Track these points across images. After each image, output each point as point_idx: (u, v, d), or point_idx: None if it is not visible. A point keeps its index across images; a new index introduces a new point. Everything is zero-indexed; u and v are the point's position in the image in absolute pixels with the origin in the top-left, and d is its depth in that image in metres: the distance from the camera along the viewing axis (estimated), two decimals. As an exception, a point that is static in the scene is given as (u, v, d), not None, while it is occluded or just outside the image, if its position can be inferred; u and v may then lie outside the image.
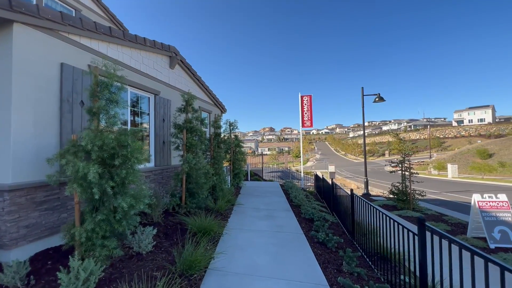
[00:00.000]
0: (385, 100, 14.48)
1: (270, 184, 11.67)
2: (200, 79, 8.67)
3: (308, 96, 14.80)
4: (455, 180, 27.31)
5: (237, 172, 10.27)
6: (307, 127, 14.56)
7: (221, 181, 7.84)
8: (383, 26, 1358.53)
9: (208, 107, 9.72)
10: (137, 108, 5.92)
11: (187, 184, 6.03)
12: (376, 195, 15.54)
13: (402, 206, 9.93)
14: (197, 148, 6.18)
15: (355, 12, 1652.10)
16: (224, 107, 11.25)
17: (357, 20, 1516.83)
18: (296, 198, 7.75)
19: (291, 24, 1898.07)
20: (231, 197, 7.40)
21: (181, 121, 6.11)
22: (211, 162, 7.81)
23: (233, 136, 10.42)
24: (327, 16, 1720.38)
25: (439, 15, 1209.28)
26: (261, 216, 6.10)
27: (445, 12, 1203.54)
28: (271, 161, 56.11)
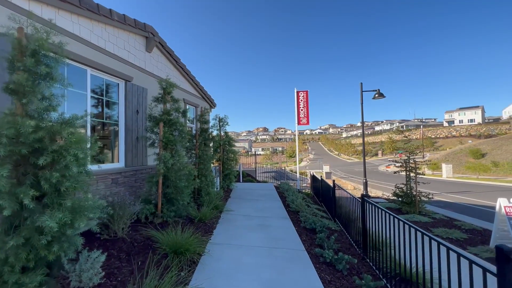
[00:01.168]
0: (385, 97, 13.72)
1: (264, 186, 10.70)
2: (184, 67, 7.62)
3: (304, 92, 13.92)
4: (450, 180, 26.93)
5: (228, 173, 9.26)
6: (303, 125, 13.68)
7: (208, 183, 6.83)
8: (372, 24, 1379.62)
9: (195, 100, 8.68)
10: (101, 95, 4.85)
11: (164, 188, 5.00)
12: (375, 196, 14.78)
13: (407, 209, 9.12)
14: (176, 145, 5.16)
15: (344, 9, 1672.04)
16: (213, 101, 10.22)
17: (348, 17, 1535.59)
18: (294, 202, 6.80)
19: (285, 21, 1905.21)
20: (219, 202, 6.40)
21: (158, 113, 5.08)
22: (196, 162, 6.78)
23: (223, 133, 9.41)
24: (321, 14, 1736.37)
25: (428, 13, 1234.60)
26: (254, 226, 5.12)
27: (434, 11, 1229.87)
28: (265, 161, 55.20)
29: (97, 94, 4.73)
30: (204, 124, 7.20)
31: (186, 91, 8.02)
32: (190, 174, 5.25)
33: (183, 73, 7.69)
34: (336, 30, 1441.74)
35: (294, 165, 63.26)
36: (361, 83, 14.01)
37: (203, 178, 6.66)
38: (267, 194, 8.56)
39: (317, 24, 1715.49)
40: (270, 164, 44.38)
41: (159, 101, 5.19)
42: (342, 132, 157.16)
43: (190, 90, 8.34)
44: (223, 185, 9.03)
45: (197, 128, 7.14)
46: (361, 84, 14.00)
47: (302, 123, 13.71)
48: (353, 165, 57.32)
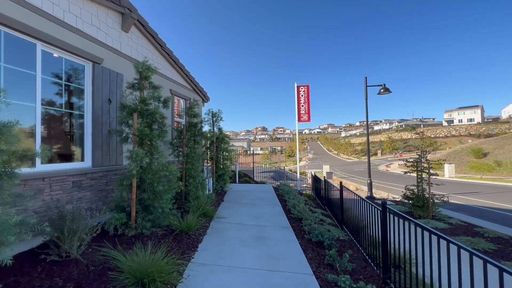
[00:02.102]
0: (391, 92, 12.88)
1: (262, 187, 9.81)
2: (171, 53, 6.71)
3: (305, 87, 13.04)
4: (454, 180, 26.09)
5: (222, 174, 8.37)
6: (304, 122, 12.80)
7: (197, 185, 5.93)
8: (370, 22, 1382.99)
9: (184, 92, 7.77)
10: (59, 79, 3.93)
11: (140, 192, 4.10)
12: (380, 198, 13.94)
13: (420, 213, 8.27)
14: (155, 141, 4.26)
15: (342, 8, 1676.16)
16: (206, 94, 9.31)
17: (346, 15, 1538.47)
18: (296, 207, 5.91)
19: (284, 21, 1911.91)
20: (209, 208, 5.51)
21: (132, 101, 4.17)
22: (183, 161, 5.88)
23: (216, 130, 8.51)
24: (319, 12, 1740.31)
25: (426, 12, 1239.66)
26: (248, 239, 4.23)
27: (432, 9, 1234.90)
28: (264, 161, 54.33)
29: (54, 77, 3.81)
30: (193, 118, 6.29)
31: (173, 80, 7.11)
32: (172, 175, 4.35)
33: (169, 60, 6.77)
34: (336, 29, 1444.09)
35: (293, 164, 62.41)
36: (366, 77, 13.19)
37: (190, 180, 5.77)
38: (265, 197, 7.67)
39: (317, 23, 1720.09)
40: (269, 164, 43.54)
41: (134, 87, 4.29)
42: (341, 131, 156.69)
43: (178, 80, 7.42)
44: (216, 187, 8.13)
45: (185, 123, 6.23)
46: (365, 78, 13.16)
47: (302, 120, 12.83)
48: (353, 164, 56.60)
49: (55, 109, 3.86)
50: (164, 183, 4.23)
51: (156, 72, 4.50)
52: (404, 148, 77.14)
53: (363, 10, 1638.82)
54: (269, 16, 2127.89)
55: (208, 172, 7.64)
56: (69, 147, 4.15)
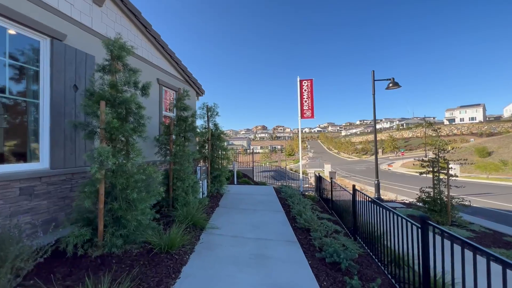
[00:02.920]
0: (400, 86, 12.03)
1: (262, 189, 8.96)
2: (158, 37, 5.84)
3: (309, 81, 12.17)
4: (459, 180, 25.06)
5: (218, 175, 7.52)
6: (307, 118, 11.94)
7: (187, 189, 5.08)
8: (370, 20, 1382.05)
9: (175, 83, 6.90)
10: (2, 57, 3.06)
11: (110, 201, 3.25)
12: (389, 200, 13.12)
13: (437, 219, 7.44)
14: (131, 137, 3.41)
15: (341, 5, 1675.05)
16: (201, 87, 8.44)
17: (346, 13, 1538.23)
18: (302, 215, 5.07)
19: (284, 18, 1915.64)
20: (201, 216, 4.66)
21: (100, 86, 3.31)
22: (170, 162, 5.03)
23: (211, 125, 7.65)
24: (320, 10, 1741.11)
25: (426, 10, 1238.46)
26: (246, 259, 3.39)
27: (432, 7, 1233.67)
28: (264, 159, 53.47)
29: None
30: (183, 111, 5.43)
31: (161, 69, 6.24)
32: (151, 178, 3.50)
33: (156, 45, 5.90)
34: (336, 26, 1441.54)
35: (294, 163, 61.58)
36: (373, 71, 12.33)
37: (178, 183, 4.91)
38: (266, 201, 6.82)
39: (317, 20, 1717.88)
40: (269, 163, 42.71)
41: (105, 70, 3.43)
42: (341, 130, 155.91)
43: (167, 69, 6.55)
44: (212, 189, 7.28)
45: (174, 117, 5.38)
46: (372, 72, 12.31)
47: (306, 116, 11.96)
48: (354, 163, 55.87)
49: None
50: (140, 189, 3.38)
51: (132, 52, 3.64)
52: (405, 147, 76.40)
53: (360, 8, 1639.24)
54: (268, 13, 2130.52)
55: (202, 173, 6.79)
56: (19, 144, 3.29)
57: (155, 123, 5.78)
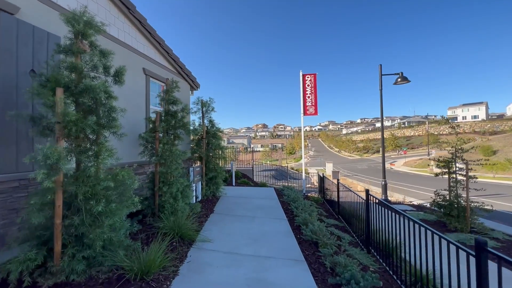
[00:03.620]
0: (409, 81, 11.30)
1: (263, 191, 8.28)
2: (144, 21, 5.13)
3: (312, 75, 11.45)
4: None
5: (213, 176, 6.83)
6: (310, 115, 11.23)
7: (176, 195, 4.40)
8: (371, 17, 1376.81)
9: (164, 75, 6.20)
10: None
11: (69, 215, 2.58)
12: (396, 201, 12.44)
13: (455, 225, 6.75)
14: (96, 132, 2.73)
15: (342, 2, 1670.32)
16: (196, 80, 7.73)
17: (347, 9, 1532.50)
18: (308, 225, 4.39)
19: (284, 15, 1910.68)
20: (191, 226, 3.99)
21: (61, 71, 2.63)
22: (156, 163, 4.34)
23: (206, 122, 6.97)
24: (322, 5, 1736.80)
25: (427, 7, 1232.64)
26: (241, 285, 2.71)
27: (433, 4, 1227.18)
28: (264, 158, 52.80)
29: None
30: (171, 105, 4.73)
31: (148, 58, 5.54)
32: (123, 186, 2.82)
33: (142, 29, 5.20)
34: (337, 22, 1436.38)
35: (294, 162, 60.88)
36: (380, 65, 11.60)
37: (165, 188, 4.23)
38: (267, 206, 6.14)
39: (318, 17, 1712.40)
40: (269, 161, 42.07)
41: (65, 52, 2.74)
42: (342, 128, 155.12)
43: (156, 58, 5.85)
44: (207, 192, 6.60)
45: (162, 111, 4.68)
46: (380, 66, 11.57)
47: (309, 113, 11.25)
48: (355, 162, 55.18)
49: None
50: (110, 199, 2.70)
51: (103, 31, 2.95)
52: (407, 145, 75.61)
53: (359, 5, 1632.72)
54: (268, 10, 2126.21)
55: (196, 175, 6.12)
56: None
57: (141, 118, 5.08)
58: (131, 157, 4.73)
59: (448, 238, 2.32)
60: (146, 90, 5.35)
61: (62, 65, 2.66)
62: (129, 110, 4.86)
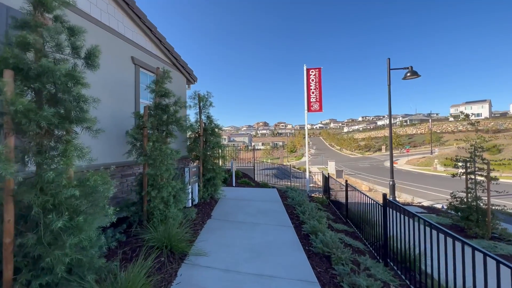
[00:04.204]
0: (419, 75, 10.69)
1: (265, 193, 7.74)
2: (132, 4, 4.56)
3: (317, 70, 10.85)
4: None
5: (211, 177, 6.29)
6: (315, 111, 10.66)
7: (168, 199, 3.86)
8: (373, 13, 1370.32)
9: (157, 65, 5.62)
10: None
11: (24, 232, 2.03)
12: (405, 203, 11.87)
13: (476, 230, 6.19)
14: (53, 128, 2.18)
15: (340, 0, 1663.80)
16: (192, 73, 7.16)
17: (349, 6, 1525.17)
18: (318, 234, 3.84)
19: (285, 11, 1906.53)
20: (183, 237, 3.46)
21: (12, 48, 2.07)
22: (144, 163, 3.79)
23: (204, 118, 6.41)
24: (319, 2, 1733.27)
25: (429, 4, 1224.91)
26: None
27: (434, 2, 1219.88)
28: (265, 156, 52.24)
29: None
30: (162, 98, 4.17)
31: (138, 46, 4.97)
32: (93, 195, 2.26)
33: (130, 12, 4.62)
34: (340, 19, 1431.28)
35: (296, 160, 60.26)
36: (389, 58, 10.99)
37: (153, 193, 3.68)
38: (270, 210, 5.59)
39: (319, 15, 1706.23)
40: (271, 160, 41.53)
41: (22, 26, 2.18)
42: (343, 127, 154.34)
43: (147, 46, 5.28)
44: (204, 195, 6.06)
45: (152, 104, 4.11)
46: (388, 60, 10.97)
47: (313, 109, 10.67)
48: (357, 160, 54.55)
49: None
50: (78, 211, 2.15)
51: (71, 4, 2.39)
52: (409, 143, 74.88)
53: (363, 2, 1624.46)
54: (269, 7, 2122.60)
55: (192, 176, 5.57)
56: None
57: (129, 113, 4.53)
58: (116, 156, 4.19)
59: (501, 260, 1.77)
60: (135, 82, 4.79)
61: (15, 42, 2.10)
62: (115, 104, 4.31)
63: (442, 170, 32.53)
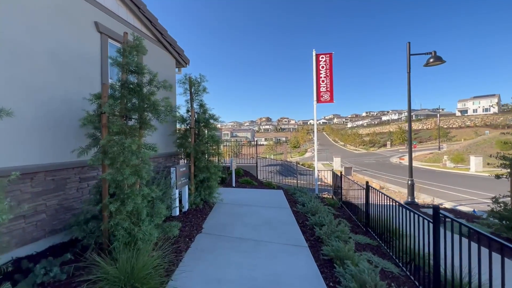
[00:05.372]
0: (444, 61, 9.44)
1: (270, 196, 6.63)
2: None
3: (327, 55, 9.63)
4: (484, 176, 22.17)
5: (205, 178, 5.19)
6: (325, 102, 9.48)
7: (141, 212, 2.76)
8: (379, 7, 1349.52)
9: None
10: None
11: None
12: (424, 203, 10.69)
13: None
14: None
15: None
16: (183, 53, 6.00)
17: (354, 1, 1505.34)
18: (346, 264, 2.72)
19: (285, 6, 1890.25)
20: (153, 273, 2.37)
21: None
22: (102, 164, 2.69)
23: (196, 107, 5.29)
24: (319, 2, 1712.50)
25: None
26: None
27: None
28: (268, 151, 51.11)
29: None
30: (132, 75, 3.04)
31: (106, 10, 3.81)
32: None
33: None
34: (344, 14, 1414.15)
35: (299, 155, 59.07)
36: (409, 43, 9.76)
37: (116, 205, 2.58)
38: (277, 221, 4.49)
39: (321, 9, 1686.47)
40: (274, 155, 40.46)
41: None
42: (347, 122, 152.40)
43: (119, 12, 4.12)
44: (196, 199, 4.98)
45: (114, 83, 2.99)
46: (408, 44, 9.72)
47: (323, 100, 9.49)
48: (361, 156, 53.22)
49: None
50: None
51: None
52: (415, 139, 73.28)
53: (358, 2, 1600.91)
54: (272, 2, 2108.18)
55: (181, 177, 4.49)
56: None
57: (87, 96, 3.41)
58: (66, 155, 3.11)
59: None
60: (101, 56, 3.67)
61: None
62: (70, 84, 3.20)
63: (452, 166, 31.14)
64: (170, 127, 5.34)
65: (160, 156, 5.07)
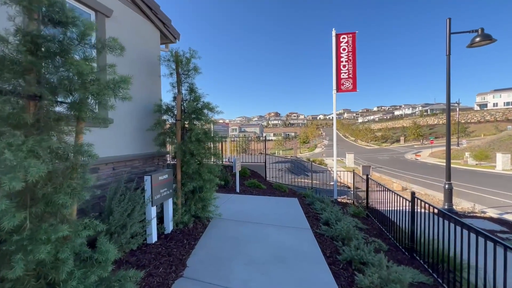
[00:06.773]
0: (495, 40, 7.76)
1: (282, 206, 5.28)
2: None
3: (350, 35, 8.07)
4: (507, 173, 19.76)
5: (197, 187, 3.88)
6: (346, 91, 7.98)
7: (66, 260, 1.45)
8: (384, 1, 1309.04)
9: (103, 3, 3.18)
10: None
11: None
12: (464, 210, 9.02)
13: None
14: None
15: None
16: (170, 24, 4.63)
17: None
18: None
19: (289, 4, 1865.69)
20: None
21: None
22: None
23: (185, 91, 3.96)
24: None
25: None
26: None
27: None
28: (277, 147, 49.57)
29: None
30: (54, 26, 1.73)
31: None
32: None
33: None
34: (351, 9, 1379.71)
35: (308, 151, 57.25)
36: (449, 18, 8.05)
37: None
38: (293, 253, 3.14)
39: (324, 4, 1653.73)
40: (283, 151, 38.97)
41: None
42: (358, 117, 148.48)
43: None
44: (184, 217, 3.69)
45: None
46: (448, 20, 8.03)
47: (344, 88, 7.97)
48: (374, 152, 51.00)
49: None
50: None
51: None
52: (430, 134, 69.94)
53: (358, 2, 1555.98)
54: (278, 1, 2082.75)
55: (160, 188, 3.22)
56: None
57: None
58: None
59: None
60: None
61: None
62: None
63: (474, 164, 28.80)
64: (150, 119, 4.04)
65: (137, 157, 3.79)
